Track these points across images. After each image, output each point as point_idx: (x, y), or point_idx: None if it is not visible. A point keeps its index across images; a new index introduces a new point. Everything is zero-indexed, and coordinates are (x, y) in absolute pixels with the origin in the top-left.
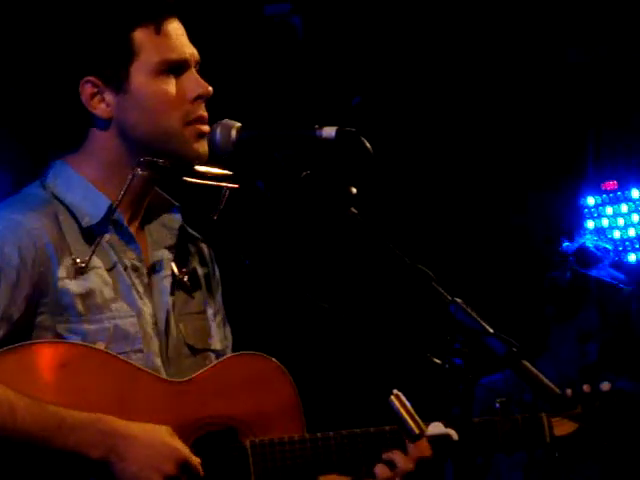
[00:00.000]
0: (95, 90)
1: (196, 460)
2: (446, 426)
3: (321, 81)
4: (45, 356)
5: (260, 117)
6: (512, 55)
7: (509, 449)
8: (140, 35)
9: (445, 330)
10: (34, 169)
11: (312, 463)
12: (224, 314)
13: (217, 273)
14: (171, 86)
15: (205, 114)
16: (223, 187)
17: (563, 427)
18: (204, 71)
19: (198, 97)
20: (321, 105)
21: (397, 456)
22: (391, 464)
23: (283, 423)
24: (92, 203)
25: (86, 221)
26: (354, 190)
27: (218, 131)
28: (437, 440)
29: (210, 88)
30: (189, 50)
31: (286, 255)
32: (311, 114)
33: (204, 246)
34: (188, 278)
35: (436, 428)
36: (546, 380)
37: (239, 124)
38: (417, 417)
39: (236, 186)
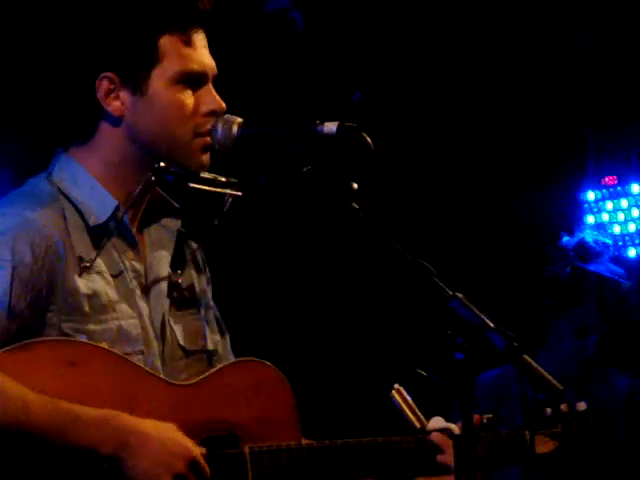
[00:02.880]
0: (112, 87)
1: (204, 461)
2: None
3: (322, 77)
4: (55, 354)
5: (261, 113)
6: (513, 49)
7: (493, 465)
8: (166, 42)
9: (446, 325)
10: (36, 161)
11: (308, 471)
12: (216, 313)
13: (208, 274)
14: (188, 97)
15: (211, 127)
16: (226, 194)
17: (545, 445)
18: None
19: (211, 112)
20: (322, 101)
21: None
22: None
23: (281, 431)
24: (99, 202)
25: (93, 220)
26: (355, 185)
27: (219, 126)
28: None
29: (224, 105)
30: (210, 64)
31: (287, 252)
32: (312, 110)
33: (197, 247)
34: (183, 280)
35: (437, 422)
36: (547, 375)
37: (241, 120)
38: (418, 411)
39: (239, 194)
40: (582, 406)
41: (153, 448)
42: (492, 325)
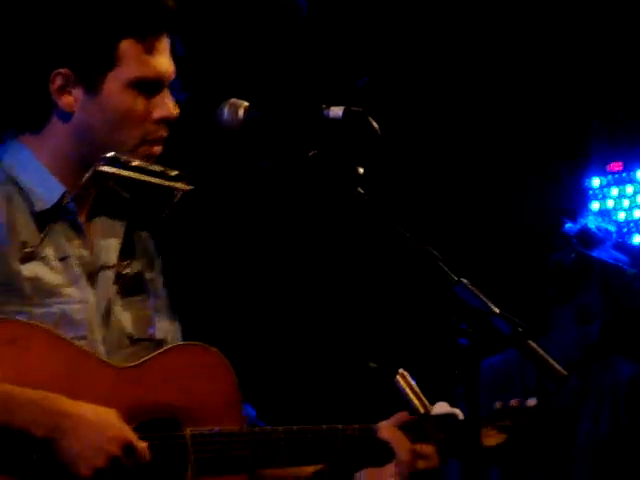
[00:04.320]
0: (66, 82)
1: (142, 444)
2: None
3: (327, 61)
4: None
5: (266, 97)
6: (517, 34)
7: (442, 454)
8: (126, 46)
9: (451, 310)
10: None
11: (250, 456)
12: (167, 303)
13: (159, 263)
14: (139, 103)
15: (165, 134)
16: (175, 188)
17: (493, 438)
18: (210, 52)
19: (163, 119)
20: (327, 85)
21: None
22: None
23: (224, 415)
24: (46, 188)
25: (39, 205)
26: (361, 170)
27: (226, 110)
28: (442, 419)
29: (177, 112)
30: (168, 70)
31: (291, 237)
32: (316, 94)
33: (147, 237)
34: (131, 269)
35: (442, 407)
36: (551, 360)
37: (247, 103)
38: (423, 397)
39: (189, 188)
40: (532, 402)
41: (87, 431)
42: (497, 310)
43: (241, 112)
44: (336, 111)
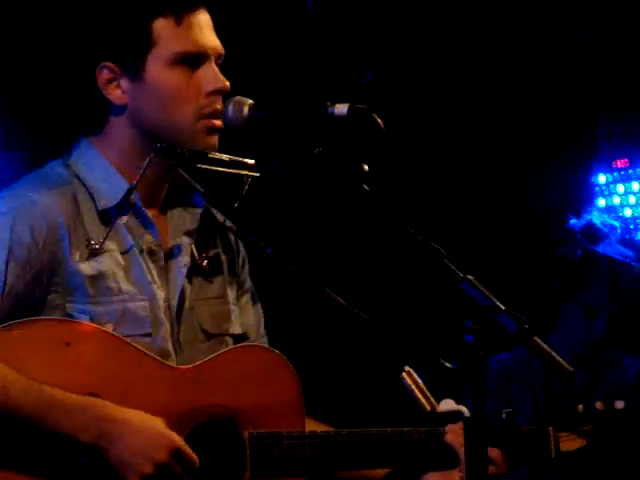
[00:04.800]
0: (111, 76)
1: (189, 450)
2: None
3: (332, 58)
4: (50, 333)
5: (271, 94)
6: (525, 31)
7: (511, 461)
8: (160, 25)
9: (457, 307)
10: (54, 147)
11: (310, 460)
12: (252, 294)
13: (243, 253)
14: (185, 79)
15: (220, 107)
16: (244, 175)
17: (571, 443)
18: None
19: (214, 92)
20: (332, 82)
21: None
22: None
23: (284, 417)
24: (111, 185)
25: (103, 204)
26: (366, 167)
27: (230, 108)
28: (448, 417)
29: (227, 83)
30: (210, 43)
31: (298, 234)
32: (322, 92)
33: (229, 229)
34: (208, 263)
35: (447, 405)
36: (558, 357)
37: (251, 101)
38: (428, 393)
39: (257, 174)
40: (620, 404)
41: (133, 438)
42: (503, 307)
43: (246, 110)
44: (341, 108)
